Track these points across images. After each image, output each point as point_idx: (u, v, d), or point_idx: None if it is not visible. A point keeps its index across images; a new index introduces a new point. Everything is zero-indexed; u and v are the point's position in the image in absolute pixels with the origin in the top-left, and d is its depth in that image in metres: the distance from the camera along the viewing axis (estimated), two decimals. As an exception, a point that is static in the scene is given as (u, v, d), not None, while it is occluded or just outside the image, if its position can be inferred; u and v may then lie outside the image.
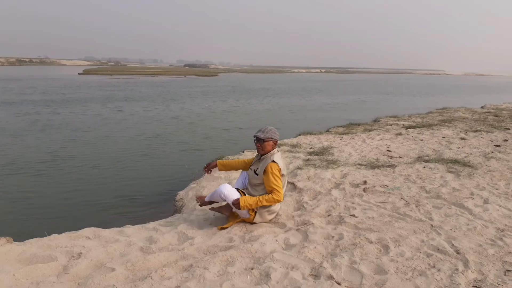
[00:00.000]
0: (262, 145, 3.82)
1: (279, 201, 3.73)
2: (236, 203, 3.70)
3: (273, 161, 3.75)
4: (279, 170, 3.76)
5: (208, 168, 4.28)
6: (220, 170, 4.31)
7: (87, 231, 3.78)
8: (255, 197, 3.74)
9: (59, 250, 3.23)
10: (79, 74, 62.11)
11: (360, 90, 40.24)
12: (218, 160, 4.31)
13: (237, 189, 3.95)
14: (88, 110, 17.70)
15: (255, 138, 3.88)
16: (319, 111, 19.52)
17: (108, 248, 3.35)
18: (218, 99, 24.39)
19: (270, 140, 3.83)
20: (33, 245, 3.31)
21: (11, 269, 2.83)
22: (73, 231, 3.78)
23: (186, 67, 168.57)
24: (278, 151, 3.91)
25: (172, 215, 5.10)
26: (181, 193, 5.91)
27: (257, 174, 3.86)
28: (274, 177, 3.70)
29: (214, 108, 19.61)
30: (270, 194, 3.71)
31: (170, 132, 12.56)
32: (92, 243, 3.47)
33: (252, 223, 3.90)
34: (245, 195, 3.86)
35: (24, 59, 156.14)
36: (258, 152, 3.93)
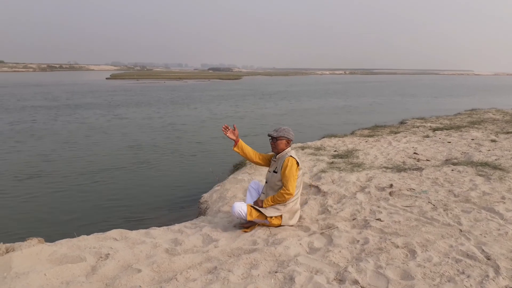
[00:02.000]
0: (275, 143, 3.92)
1: (289, 194, 3.76)
2: (259, 206, 3.85)
3: (291, 156, 3.83)
4: (297, 164, 3.83)
5: (229, 130, 4.08)
6: (234, 149, 4.15)
7: (115, 232, 3.87)
8: (269, 197, 3.86)
9: (88, 251, 3.32)
10: (106, 79, 63.75)
11: (380, 92, 39.50)
12: (240, 139, 4.14)
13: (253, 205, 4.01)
14: (113, 114, 18.13)
15: (269, 137, 3.98)
16: (331, 114, 19.15)
17: (135, 249, 3.41)
18: (235, 103, 24.50)
19: (283, 139, 3.91)
20: (63, 246, 3.41)
21: (43, 269, 2.93)
22: (101, 233, 3.88)
23: (210, 71, 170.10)
24: (292, 150, 3.98)
25: (197, 217, 5.16)
26: (205, 196, 5.96)
27: (276, 173, 3.93)
28: (288, 173, 3.76)
29: (229, 112, 19.66)
30: (280, 191, 3.79)
31: (192, 136, 12.71)
32: (119, 245, 3.55)
33: (277, 226, 3.90)
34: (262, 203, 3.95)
35: (55, 65, 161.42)
36: (272, 151, 4.01)
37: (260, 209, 3.82)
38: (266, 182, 4.09)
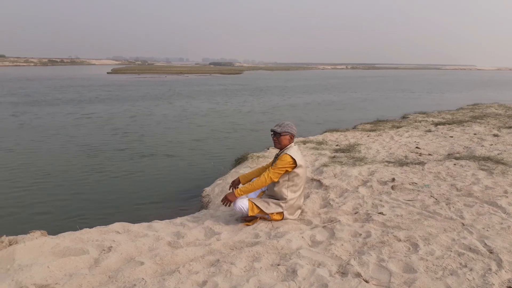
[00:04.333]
0: (279, 139, 3.88)
1: (270, 179, 3.74)
2: (231, 197, 3.78)
3: (286, 153, 3.80)
4: (290, 162, 3.76)
5: (233, 185, 4.31)
6: (244, 184, 4.31)
7: (117, 225, 3.88)
8: (247, 184, 3.84)
9: (91, 244, 3.32)
10: (107, 73, 63.69)
11: (377, 87, 38.90)
12: (239, 176, 4.34)
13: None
14: (118, 110, 18.12)
15: (272, 132, 3.94)
16: (320, 112, 18.27)
17: (137, 242, 3.42)
18: (223, 99, 24.26)
19: (287, 135, 3.87)
20: (66, 239, 3.42)
21: (46, 261, 2.93)
22: (104, 226, 3.88)
23: (211, 65, 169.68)
24: (295, 145, 3.95)
25: (199, 211, 5.17)
26: (207, 190, 5.97)
27: None
28: (278, 163, 3.75)
29: (209, 111, 19.47)
30: (262, 175, 3.76)
31: (194, 131, 12.70)
32: (122, 238, 3.55)
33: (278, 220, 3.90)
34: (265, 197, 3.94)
35: (56, 59, 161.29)
36: (275, 147, 3.98)
37: (261, 207, 3.80)
38: None
